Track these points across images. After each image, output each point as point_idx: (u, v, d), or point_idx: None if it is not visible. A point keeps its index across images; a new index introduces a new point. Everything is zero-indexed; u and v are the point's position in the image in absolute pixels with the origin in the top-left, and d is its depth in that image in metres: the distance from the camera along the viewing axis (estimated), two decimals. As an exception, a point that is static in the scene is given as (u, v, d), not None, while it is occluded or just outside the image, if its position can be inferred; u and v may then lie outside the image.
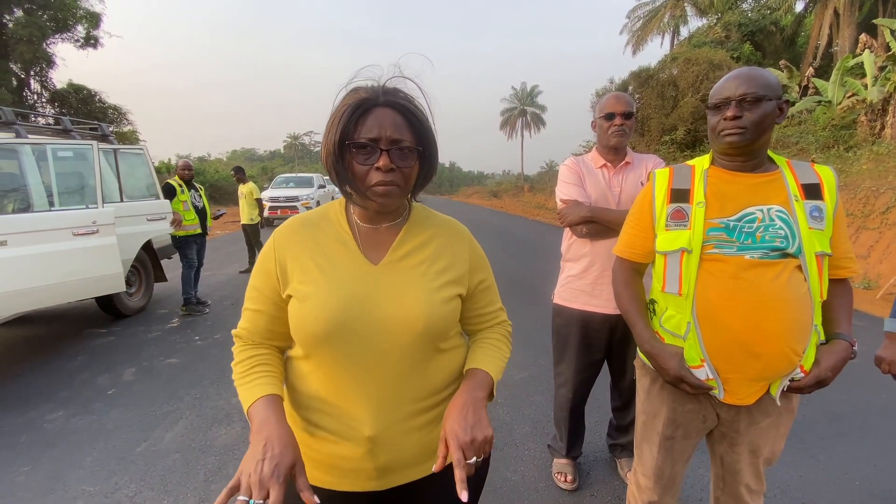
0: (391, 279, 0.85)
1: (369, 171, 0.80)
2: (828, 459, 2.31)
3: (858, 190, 7.42)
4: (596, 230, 1.82)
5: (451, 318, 0.89)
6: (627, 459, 2.18)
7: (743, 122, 1.10)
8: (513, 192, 32.59)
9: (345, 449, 0.84)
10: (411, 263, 0.88)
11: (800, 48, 18.86)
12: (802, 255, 1.08)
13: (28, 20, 16.81)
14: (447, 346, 0.91)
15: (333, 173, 0.83)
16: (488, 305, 0.99)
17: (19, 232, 3.44)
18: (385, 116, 0.80)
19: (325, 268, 0.85)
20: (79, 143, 4.25)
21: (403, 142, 0.80)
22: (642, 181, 1.82)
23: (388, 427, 0.83)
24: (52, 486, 2.20)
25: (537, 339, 4.01)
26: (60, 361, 3.73)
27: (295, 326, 0.84)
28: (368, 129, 0.79)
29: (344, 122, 0.79)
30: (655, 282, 1.27)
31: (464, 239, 0.96)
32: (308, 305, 0.82)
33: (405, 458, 0.87)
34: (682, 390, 1.18)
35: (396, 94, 0.83)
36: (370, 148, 0.79)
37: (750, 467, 1.25)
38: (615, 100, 1.84)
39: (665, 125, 14.86)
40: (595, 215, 1.80)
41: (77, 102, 18.81)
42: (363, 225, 0.89)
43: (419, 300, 0.84)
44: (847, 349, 1.13)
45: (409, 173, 0.83)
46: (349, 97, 0.82)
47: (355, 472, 0.85)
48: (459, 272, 0.92)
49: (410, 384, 0.85)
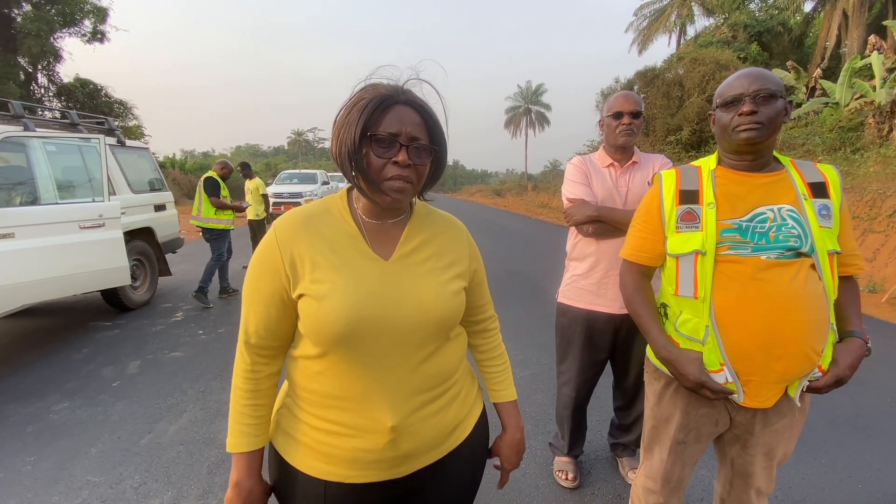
0: (404, 274, 0.87)
1: (386, 164, 0.81)
2: (831, 462, 2.31)
3: (865, 192, 7.37)
4: (602, 230, 1.81)
5: (461, 310, 0.93)
6: (629, 458, 2.18)
7: (759, 117, 1.09)
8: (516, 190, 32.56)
9: (367, 442, 0.84)
10: (420, 258, 0.90)
11: (808, 49, 18.72)
12: (815, 254, 1.07)
13: (36, 14, 16.86)
14: (454, 335, 0.96)
15: (349, 164, 0.83)
16: (482, 297, 1.06)
17: (27, 224, 3.47)
18: (406, 114, 0.82)
19: (338, 264, 0.84)
20: (86, 136, 4.28)
21: (421, 140, 0.83)
22: (649, 181, 1.81)
23: (408, 415, 0.85)
24: (57, 475, 2.23)
25: (540, 338, 4.01)
26: (66, 353, 3.76)
27: (312, 326, 0.82)
28: (389, 123, 0.81)
29: (367, 115, 0.80)
30: (667, 285, 1.24)
31: (462, 234, 1.01)
32: (327, 304, 0.81)
33: (424, 443, 0.89)
34: (702, 396, 1.16)
35: (414, 95, 0.85)
36: (390, 142, 0.81)
37: (764, 470, 1.25)
38: (624, 98, 1.82)
39: (670, 125, 14.79)
40: (602, 215, 1.78)
41: (83, 97, 18.87)
42: (368, 220, 0.90)
43: (433, 294, 0.87)
44: (862, 346, 1.13)
45: (423, 171, 0.86)
46: (368, 91, 0.83)
47: (377, 463, 0.86)
48: (462, 267, 0.96)
49: (426, 373, 0.88)
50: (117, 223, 4.15)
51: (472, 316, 1.04)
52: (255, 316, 0.87)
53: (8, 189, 3.62)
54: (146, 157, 5.74)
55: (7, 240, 3.32)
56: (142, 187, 5.32)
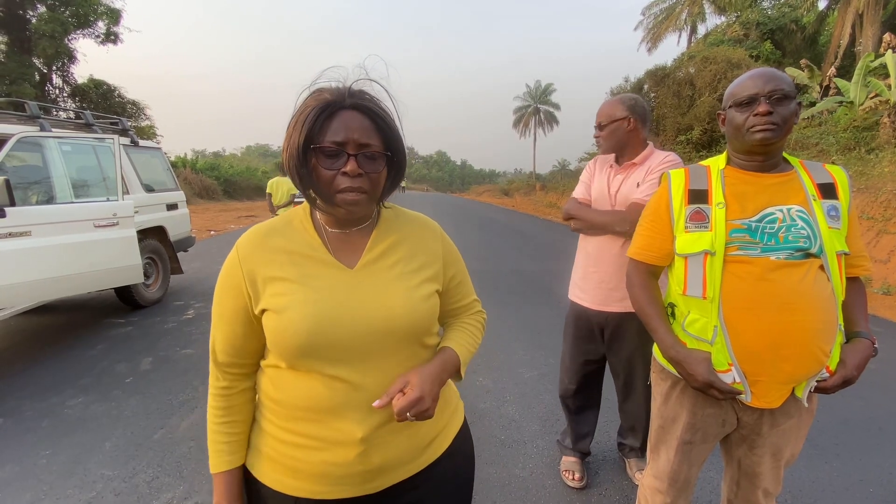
0: (370, 281, 0.84)
1: (336, 175, 0.78)
2: (842, 465, 2.29)
3: (880, 193, 7.25)
4: (581, 226, 1.94)
5: (432, 315, 0.89)
6: (636, 459, 2.18)
7: (775, 118, 1.09)
8: (524, 190, 32.43)
9: (336, 455, 0.81)
10: (387, 264, 0.87)
11: (821, 47, 18.43)
12: (824, 255, 1.07)
13: (51, 16, 17.15)
14: (431, 343, 0.92)
15: (297, 178, 0.80)
16: (463, 298, 1.01)
17: (43, 223, 3.54)
18: (352, 119, 0.77)
19: (299, 277, 0.82)
20: (100, 136, 4.35)
21: (371, 146, 0.78)
22: (638, 182, 1.80)
23: (378, 427, 0.82)
24: (72, 469, 2.27)
25: (547, 339, 4.00)
26: (81, 350, 3.83)
27: (274, 340, 0.81)
28: (335, 132, 0.77)
29: (309, 125, 0.76)
30: (675, 285, 1.24)
31: (436, 235, 0.96)
32: (286, 317, 0.78)
33: (396, 456, 0.85)
34: (710, 396, 1.16)
35: (363, 97, 0.80)
36: (337, 152, 0.77)
37: (772, 470, 1.24)
38: (601, 108, 1.90)
39: (681, 125, 14.64)
40: (573, 212, 1.95)
41: (97, 97, 19.18)
42: (331, 230, 0.87)
43: (400, 300, 0.83)
44: (869, 347, 1.12)
45: (378, 179, 0.81)
46: (312, 98, 0.79)
47: (348, 478, 0.83)
48: (435, 269, 0.92)
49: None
50: (131, 222, 4.22)
51: (456, 318, 1.01)
52: (221, 334, 0.86)
53: (24, 188, 3.69)
54: (159, 157, 5.82)
55: (24, 238, 3.39)
56: (154, 187, 5.39)
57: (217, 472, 0.88)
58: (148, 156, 5.54)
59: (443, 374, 0.87)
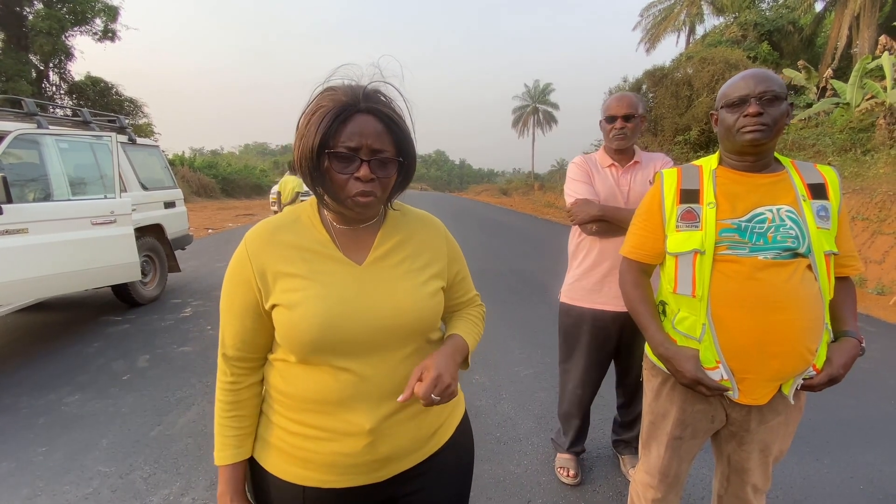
0: (378, 278, 0.86)
1: (348, 179, 0.79)
2: (833, 463, 2.31)
3: (875, 194, 7.29)
4: (606, 228, 1.82)
5: (437, 311, 0.91)
6: (630, 456, 2.20)
7: (765, 118, 1.10)
8: (523, 190, 32.46)
9: (345, 445, 0.83)
10: (395, 261, 0.89)
11: (818, 49, 18.50)
12: (812, 255, 1.09)
13: (48, 13, 17.08)
14: (435, 338, 0.95)
15: (309, 178, 0.81)
16: (465, 294, 1.04)
17: (40, 220, 3.54)
18: (366, 125, 0.78)
19: (309, 272, 0.83)
20: (98, 134, 4.34)
21: (384, 152, 0.79)
22: (650, 180, 1.82)
23: (386, 418, 0.84)
24: (69, 466, 2.28)
25: (543, 337, 4.02)
26: (78, 347, 3.83)
27: (285, 335, 0.82)
28: (349, 136, 0.77)
29: (324, 128, 0.76)
30: (666, 283, 1.26)
31: (440, 233, 0.98)
32: (298, 313, 0.80)
33: (403, 446, 0.88)
34: (698, 392, 1.18)
35: (377, 100, 0.80)
36: (350, 157, 0.78)
37: (760, 466, 1.26)
38: (617, 102, 1.83)
39: (679, 125, 14.68)
40: (606, 214, 1.80)
41: (94, 94, 19.11)
42: (339, 227, 0.88)
43: (408, 296, 0.86)
44: (856, 346, 1.14)
45: (388, 183, 0.83)
46: (326, 97, 0.79)
47: (356, 467, 0.85)
48: (440, 266, 0.94)
49: (404, 375, 0.85)
50: (128, 219, 4.22)
51: (453, 301, 1.03)
52: (231, 328, 0.87)
53: (21, 185, 3.69)
54: (156, 155, 5.82)
55: (21, 235, 3.39)
56: (152, 184, 5.39)
57: (223, 464, 0.89)
58: (145, 153, 5.54)
59: (456, 355, 0.89)
